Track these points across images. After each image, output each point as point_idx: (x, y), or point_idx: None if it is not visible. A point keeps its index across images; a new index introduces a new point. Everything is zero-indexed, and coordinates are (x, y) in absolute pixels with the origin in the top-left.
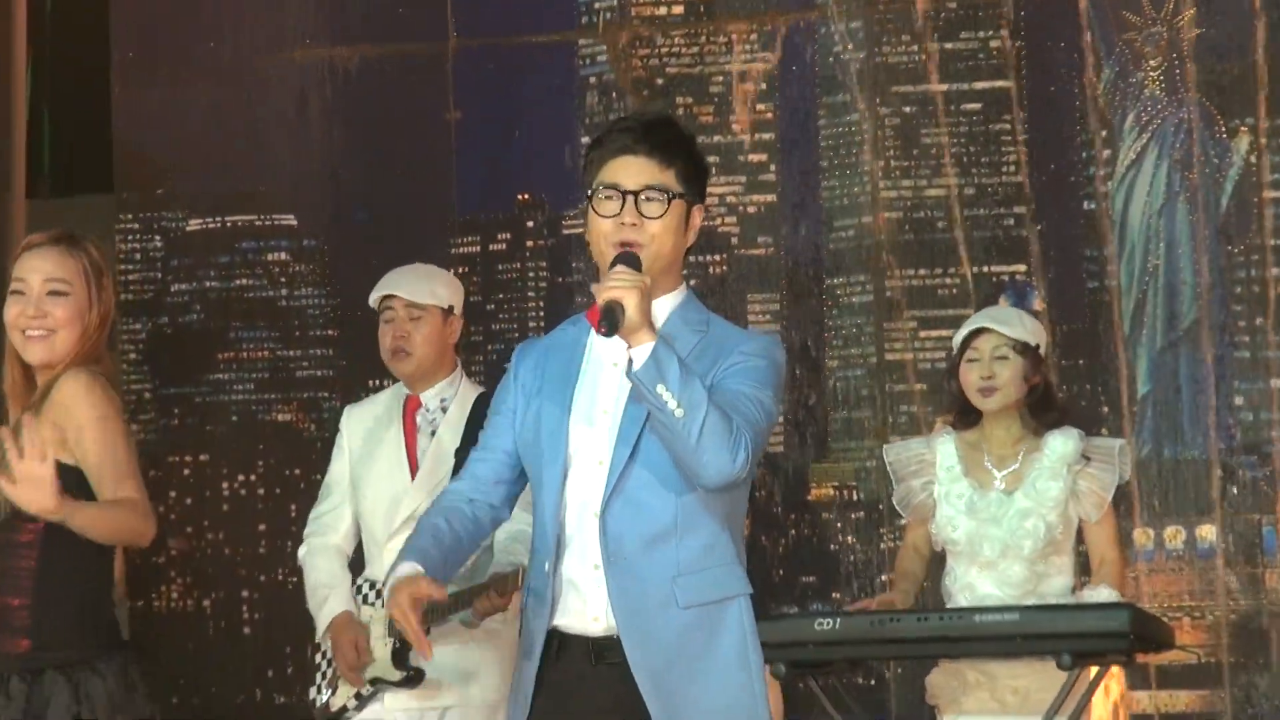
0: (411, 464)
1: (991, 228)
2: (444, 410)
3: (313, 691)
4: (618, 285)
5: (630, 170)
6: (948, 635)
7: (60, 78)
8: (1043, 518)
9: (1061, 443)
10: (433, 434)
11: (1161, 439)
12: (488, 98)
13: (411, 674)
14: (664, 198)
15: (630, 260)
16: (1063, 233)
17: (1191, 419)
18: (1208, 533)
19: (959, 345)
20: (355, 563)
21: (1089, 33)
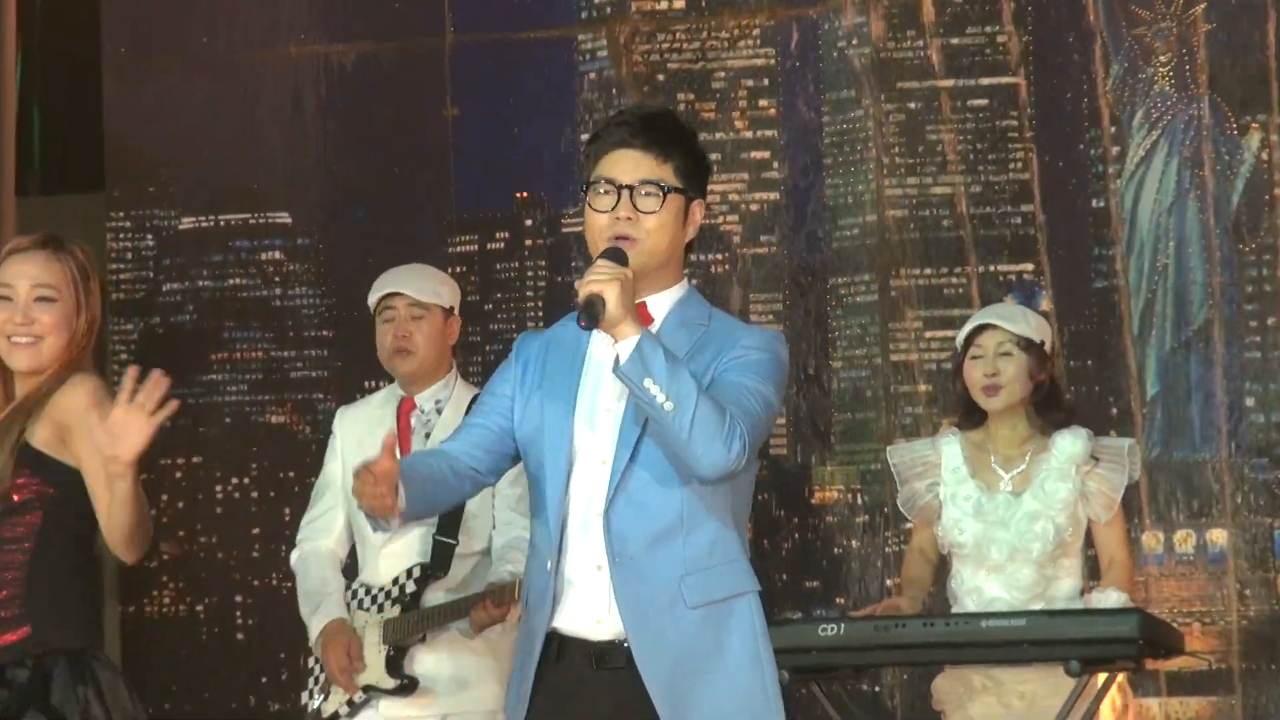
0: None
1: (998, 226)
2: (439, 412)
3: (304, 697)
4: (598, 278)
5: (626, 164)
6: (953, 641)
7: (50, 72)
8: (1052, 520)
9: (1070, 443)
10: (427, 436)
11: (1171, 441)
12: (486, 94)
13: (405, 682)
14: (660, 192)
15: (614, 254)
16: (1071, 231)
17: (1202, 421)
18: (1218, 537)
19: (962, 343)
20: (349, 568)
21: (1098, 27)
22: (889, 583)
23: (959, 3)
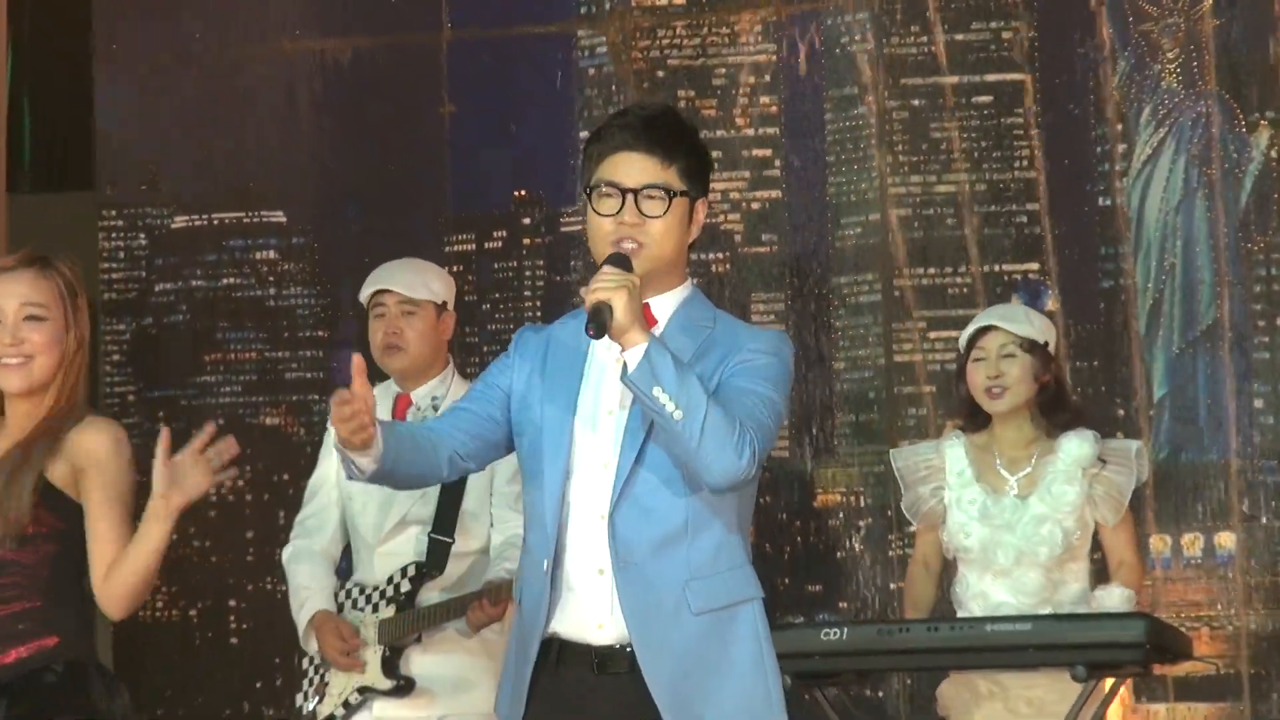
0: None
1: (1003, 225)
2: (435, 409)
3: (299, 699)
4: (605, 285)
5: (630, 168)
6: (957, 645)
7: (41, 68)
8: (1059, 523)
9: (1077, 445)
10: None
11: (1179, 443)
12: (483, 90)
13: (402, 683)
14: (665, 196)
15: (619, 260)
16: (1077, 230)
17: (1210, 422)
18: (1227, 540)
19: (965, 345)
20: (343, 569)
21: (1105, 23)
22: (892, 586)
23: None
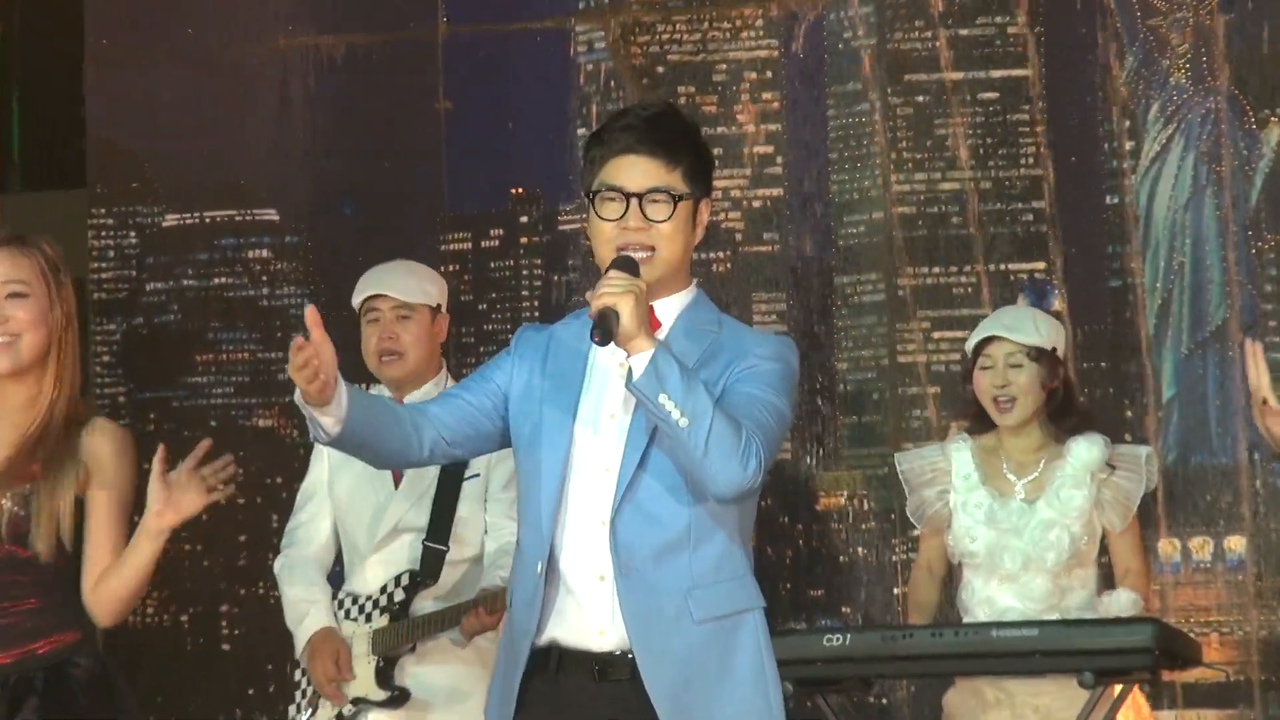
0: (395, 472)
1: (1009, 223)
2: None
3: (292, 710)
4: (611, 291)
5: (634, 171)
6: (962, 651)
7: (31, 64)
8: (1067, 529)
9: (1086, 449)
10: None
11: (1188, 445)
12: (480, 87)
13: (396, 694)
14: (671, 200)
15: (625, 264)
16: (1084, 228)
17: (1219, 424)
18: (1237, 544)
19: (971, 352)
20: (334, 576)
21: (1112, 18)
22: (896, 591)
23: None
